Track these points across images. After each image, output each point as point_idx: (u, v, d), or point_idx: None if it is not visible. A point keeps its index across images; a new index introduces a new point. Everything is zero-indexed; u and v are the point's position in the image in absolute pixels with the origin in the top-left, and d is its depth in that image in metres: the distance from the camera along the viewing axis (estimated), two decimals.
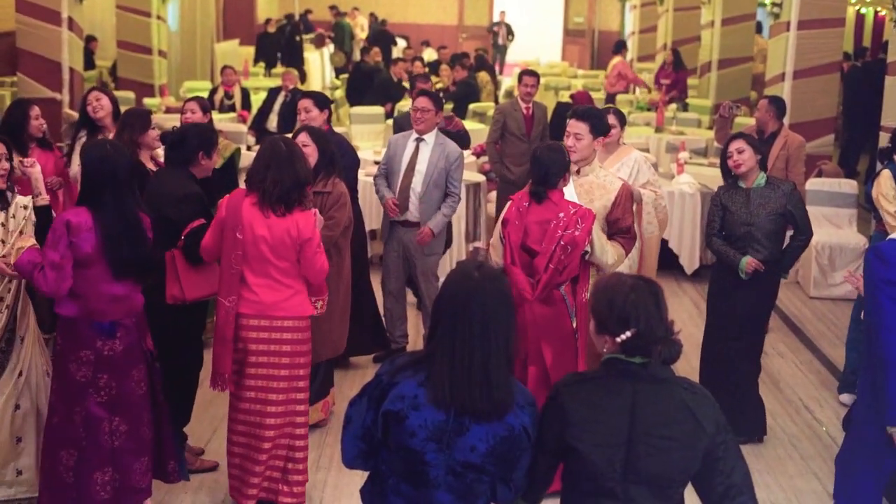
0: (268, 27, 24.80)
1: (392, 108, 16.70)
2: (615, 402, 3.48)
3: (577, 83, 21.64)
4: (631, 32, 26.25)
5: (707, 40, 19.29)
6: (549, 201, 6.27)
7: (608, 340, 3.53)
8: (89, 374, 5.54)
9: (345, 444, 3.69)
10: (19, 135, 7.51)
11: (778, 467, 7.10)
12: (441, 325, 3.51)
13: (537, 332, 6.24)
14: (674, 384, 3.54)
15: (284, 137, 6.31)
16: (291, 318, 5.93)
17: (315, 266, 5.97)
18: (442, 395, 3.44)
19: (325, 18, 29.77)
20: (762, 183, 7.19)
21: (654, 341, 3.45)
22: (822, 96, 13.60)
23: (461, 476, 3.50)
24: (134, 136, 7.12)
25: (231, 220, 5.87)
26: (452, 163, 8.32)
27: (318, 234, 5.98)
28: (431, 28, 32.34)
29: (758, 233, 7.16)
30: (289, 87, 15.10)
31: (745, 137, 7.28)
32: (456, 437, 3.46)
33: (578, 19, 34.13)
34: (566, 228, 6.17)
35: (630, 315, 3.45)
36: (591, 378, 3.59)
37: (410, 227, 8.37)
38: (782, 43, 13.64)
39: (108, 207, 5.45)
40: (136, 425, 5.71)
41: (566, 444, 3.48)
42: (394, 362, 3.63)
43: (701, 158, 13.24)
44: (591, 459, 3.45)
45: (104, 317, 5.53)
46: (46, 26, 14.21)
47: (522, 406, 3.51)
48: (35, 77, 14.19)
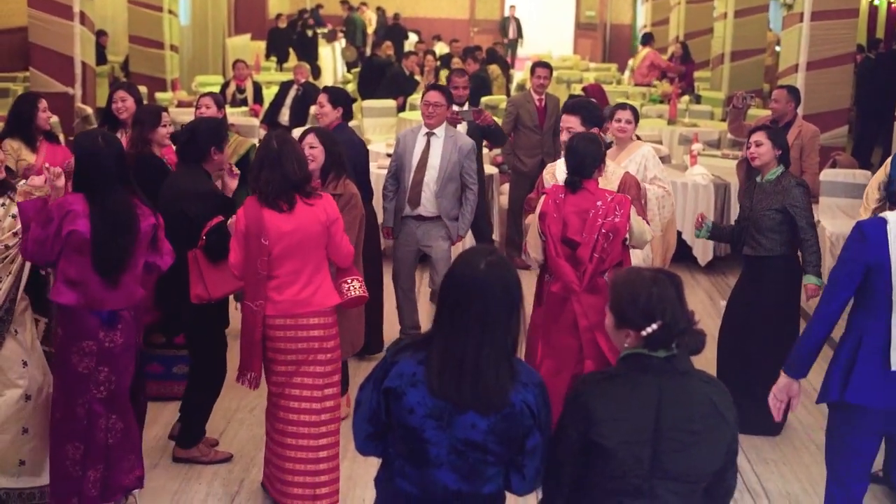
0: (278, 22, 24.78)
1: (404, 101, 16.69)
2: (641, 397, 3.45)
3: (589, 76, 21.57)
4: (643, 25, 26.20)
5: (720, 32, 19.20)
6: (584, 191, 6.21)
7: (630, 335, 3.49)
8: (91, 365, 5.50)
9: (355, 427, 3.69)
10: (28, 128, 7.51)
11: (793, 457, 7.08)
12: (442, 312, 3.51)
13: (588, 323, 6.17)
14: (695, 377, 3.53)
15: (279, 135, 6.20)
16: (316, 313, 5.89)
17: (342, 248, 6.01)
18: (433, 385, 3.44)
19: (336, 13, 29.74)
20: (772, 178, 7.15)
21: (677, 333, 3.44)
22: (836, 88, 13.55)
23: (463, 455, 3.48)
24: (144, 132, 7.14)
25: (254, 229, 5.81)
26: (465, 154, 8.28)
27: (340, 216, 6.04)
28: (443, 22, 32.32)
29: (752, 227, 7.17)
30: (300, 81, 15.10)
31: (767, 130, 7.23)
32: (456, 415, 3.45)
33: (590, 13, 34.05)
34: (606, 216, 6.13)
35: (656, 308, 3.43)
36: (614, 374, 3.54)
37: (424, 220, 8.32)
38: (795, 34, 13.58)
39: (98, 199, 5.42)
40: (129, 423, 5.72)
41: (591, 442, 3.44)
42: (398, 343, 3.65)
43: (714, 150, 13.19)
44: (619, 457, 3.42)
45: (102, 306, 5.50)
46: (58, 21, 14.20)
47: (526, 384, 3.48)
48: (47, 71, 14.18)
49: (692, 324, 3.48)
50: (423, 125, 8.36)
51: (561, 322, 6.27)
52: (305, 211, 5.83)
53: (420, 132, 8.36)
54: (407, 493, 3.57)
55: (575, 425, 3.47)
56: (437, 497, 3.53)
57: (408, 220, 8.38)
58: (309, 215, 5.83)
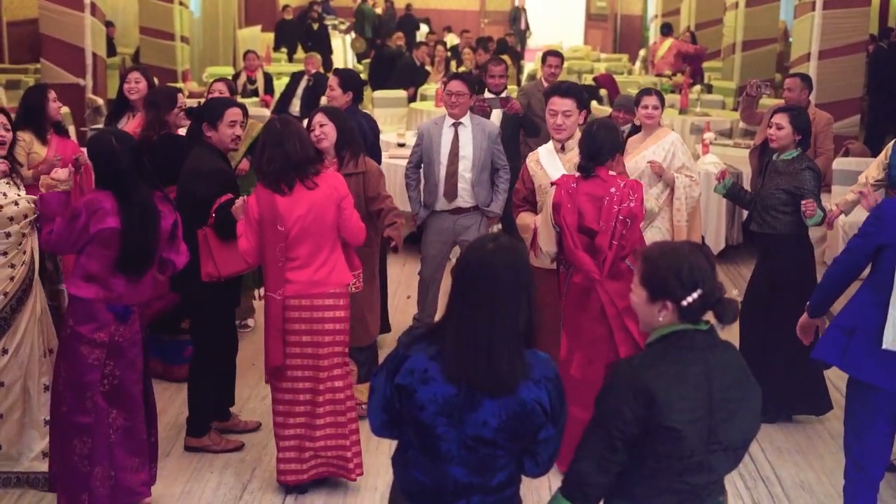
0: (285, 14, 24.75)
1: (415, 92, 16.67)
2: (695, 374, 3.45)
3: (600, 67, 21.53)
4: (654, 16, 26.10)
5: (731, 22, 19.16)
6: (597, 178, 6.18)
7: (668, 307, 3.47)
8: (101, 357, 5.48)
9: (370, 413, 3.69)
10: (39, 119, 7.52)
11: (808, 446, 7.05)
12: (453, 297, 3.50)
13: (616, 310, 6.12)
14: (726, 346, 3.57)
15: (282, 117, 6.24)
16: (331, 294, 5.93)
17: (352, 224, 6.04)
18: (451, 369, 3.43)
19: (347, 4, 29.69)
20: (787, 159, 7.14)
21: (714, 302, 3.44)
22: (849, 76, 13.52)
23: (473, 450, 3.47)
24: (161, 114, 7.29)
25: (268, 215, 5.83)
26: (494, 139, 8.13)
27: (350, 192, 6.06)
28: (453, 13, 32.26)
29: (759, 205, 7.19)
30: (311, 72, 15.09)
31: (790, 113, 7.20)
32: (467, 412, 3.43)
33: (601, 3, 33.96)
34: (622, 202, 6.10)
35: (698, 277, 3.43)
36: (663, 355, 3.48)
37: (461, 213, 8.13)
38: (808, 23, 13.55)
39: (125, 195, 5.41)
40: (133, 422, 5.65)
41: (659, 426, 3.39)
42: (411, 333, 3.64)
43: (726, 139, 13.15)
44: (688, 437, 3.41)
45: (120, 301, 5.49)
46: (69, 12, 14.20)
47: (538, 381, 3.44)
48: (58, 63, 14.18)
49: (723, 293, 3.49)
50: (446, 116, 8.13)
51: (588, 312, 6.21)
52: (313, 192, 5.84)
53: (445, 123, 8.12)
54: (420, 482, 3.56)
55: (634, 411, 3.39)
56: (448, 489, 3.52)
57: (442, 215, 8.17)
58: (319, 195, 5.85)
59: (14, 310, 5.94)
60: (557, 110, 6.92)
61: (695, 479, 3.48)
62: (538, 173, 6.98)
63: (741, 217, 10.87)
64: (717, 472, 3.53)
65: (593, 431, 3.48)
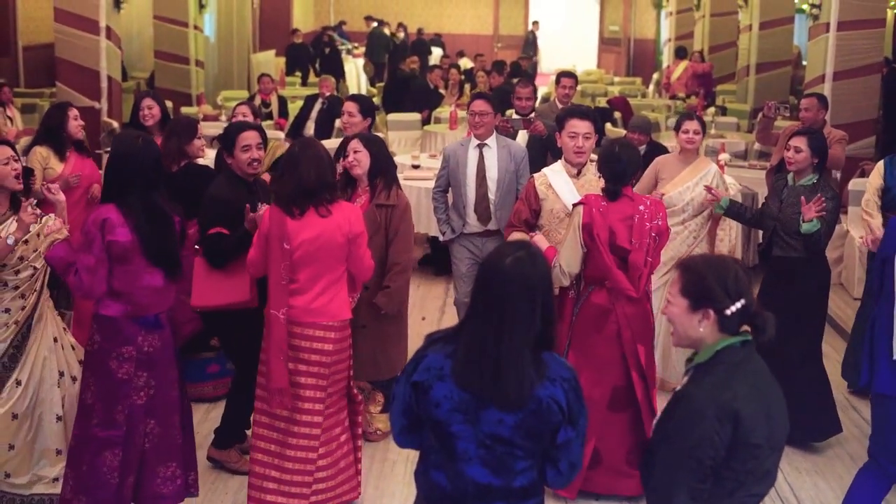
0: (294, 38, 24.83)
1: (429, 114, 16.68)
2: (759, 386, 3.47)
3: (613, 90, 21.55)
4: (667, 39, 26.13)
5: (745, 44, 19.17)
6: (624, 198, 6.14)
7: (709, 316, 3.45)
8: (131, 370, 5.45)
9: (391, 420, 3.70)
10: (59, 136, 7.53)
11: (826, 468, 7.01)
12: (471, 304, 3.50)
13: (632, 334, 6.11)
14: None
15: (303, 140, 6.14)
16: (327, 324, 5.77)
17: (364, 262, 5.91)
18: (459, 379, 3.43)
19: (361, 29, 29.81)
20: (807, 184, 7.08)
21: (752, 315, 3.45)
22: (863, 98, 13.48)
23: (491, 449, 3.46)
24: (182, 144, 7.31)
25: (276, 231, 5.72)
26: (520, 162, 7.90)
27: (366, 230, 5.93)
28: (467, 38, 32.40)
29: (782, 230, 7.11)
30: (325, 95, 15.11)
31: (808, 136, 7.14)
32: (483, 409, 3.42)
33: (614, 27, 34.10)
34: (652, 219, 6.08)
35: (742, 287, 3.44)
36: (732, 372, 3.44)
37: (490, 235, 7.90)
38: (822, 45, 13.53)
39: (134, 202, 5.37)
40: (168, 429, 5.63)
41: (746, 445, 3.36)
42: (431, 336, 3.63)
43: (741, 161, 13.12)
44: (766, 448, 3.41)
45: (148, 310, 5.47)
46: (85, 35, 14.25)
47: (554, 379, 3.44)
48: (73, 86, 14.23)
49: (761, 307, 3.50)
50: (471, 138, 7.96)
51: (603, 333, 6.16)
52: (325, 220, 5.72)
53: (470, 145, 7.94)
54: (441, 485, 3.55)
55: (721, 436, 3.35)
56: (469, 491, 3.50)
57: (472, 238, 7.97)
58: (331, 225, 5.72)
59: (25, 337, 5.92)
60: (578, 132, 6.81)
61: (762, 489, 3.50)
62: (549, 197, 6.90)
63: (756, 239, 10.83)
64: (774, 477, 3.55)
65: (681, 465, 3.40)
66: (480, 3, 34.39)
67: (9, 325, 5.86)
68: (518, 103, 9.86)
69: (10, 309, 5.85)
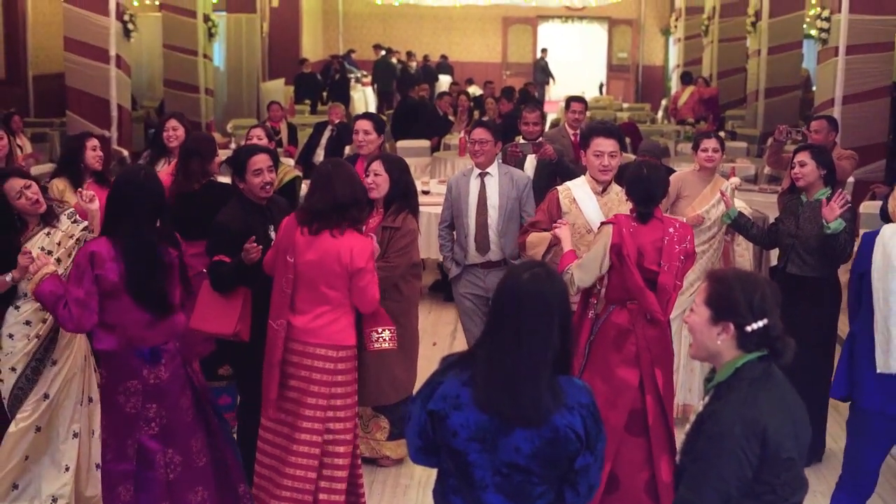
0: (304, 68, 24.94)
1: (438, 141, 16.70)
2: (790, 397, 3.46)
3: (622, 116, 21.58)
4: (676, 65, 26.19)
5: (753, 69, 19.20)
6: (654, 220, 6.06)
7: (728, 329, 3.43)
8: (138, 404, 5.41)
9: (407, 439, 3.68)
10: (75, 165, 7.55)
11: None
12: (487, 324, 3.48)
13: (650, 357, 6.01)
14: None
15: (335, 159, 6.16)
16: (325, 345, 5.72)
17: (367, 296, 5.77)
18: (479, 398, 3.40)
19: (369, 57, 29.91)
20: (821, 198, 7.04)
21: (773, 338, 3.42)
22: (873, 122, 13.48)
23: (508, 477, 3.43)
24: (205, 164, 7.23)
25: (284, 242, 5.75)
26: (523, 190, 7.71)
27: (372, 263, 5.79)
28: (475, 65, 32.48)
29: (800, 247, 7.07)
30: (335, 122, 15.12)
31: (811, 150, 7.15)
32: (500, 438, 3.40)
33: (622, 55, 34.19)
34: (681, 242, 6.00)
35: (767, 307, 3.41)
36: (757, 389, 3.41)
37: (492, 267, 7.68)
38: (831, 69, 13.54)
39: (126, 238, 5.33)
40: (188, 455, 5.58)
41: (777, 459, 3.34)
42: (447, 359, 3.61)
43: (751, 185, 13.10)
44: (798, 460, 3.41)
45: (144, 343, 5.41)
46: (95, 64, 14.34)
47: (571, 407, 3.40)
48: (83, 115, 14.31)
49: (784, 332, 3.46)
50: (473, 167, 7.79)
51: (622, 354, 6.05)
52: (330, 245, 5.66)
53: (472, 174, 7.77)
54: None
55: (750, 455, 3.32)
56: None
57: (474, 269, 7.75)
58: (332, 251, 5.66)
59: (47, 349, 5.95)
60: (604, 151, 6.69)
61: (799, 497, 3.48)
62: (572, 211, 6.78)
63: (768, 260, 10.79)
64: (807, 482, 3.54)
65: (710, 486, 3.36)
66: (489, 31, 34.49)
67: (30, 338, 5.90)
68: (525, 128, 9.75)
69: (31, 321, 5.90)
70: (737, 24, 21.03)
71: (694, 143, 8.18)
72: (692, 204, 7.91)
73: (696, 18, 24.06)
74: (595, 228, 6.57)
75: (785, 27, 18.36)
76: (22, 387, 5.95)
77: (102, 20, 14.35)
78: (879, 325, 5.61)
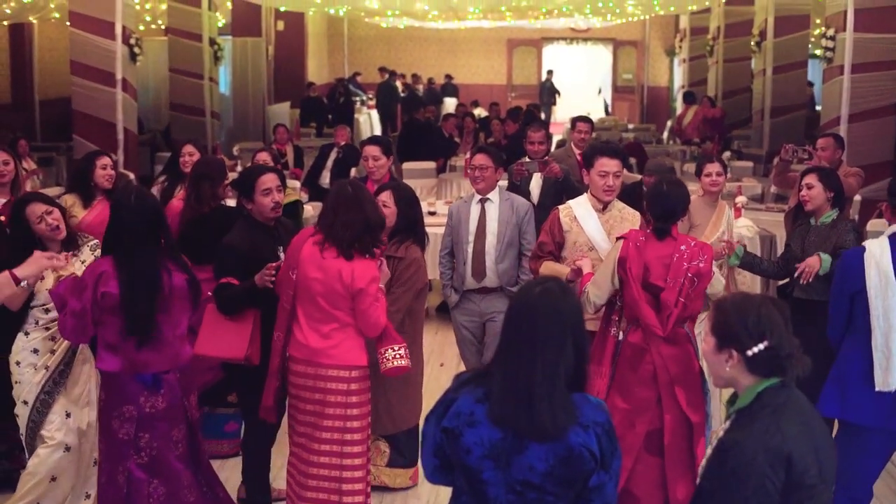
0: (310, 92, 25.00)
1: (444, 162, 16.71)
2: (806, 423, 3.40)
3: (628, 136, 21.60)
4: (681, 86, 26.23)
5: (759, 89, 19.21)
6: (669, 237, 6.03)
7: (733, 356, 3.42)
8: (131, 431, 5.37)
9: (423, 459, 3.65)
10: (85, 183, 7.56)
11: None
12: (501, 341, 3.46)
13: (668, 376, 5.93)
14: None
15: (352, 180, 6.11)
16: (338, 366, 5.69)
17: (369, 319, 5.70)
18: (495, 414, 3.38)
19: (375, 80, 29.97)
20: (826, 221, 7.04)
21: (784, 357, 3.38)
22: (878, 140, 13.46)
23: (521, 495, 3.40)
24: (215, 187, 7.22)
25: (289, 258, 5.75)
26: (523, 216, 7.63)
27: (375, 286, 5.72)
28: (480, 87, 32.50)
29: None
30: (341, 144, 15.14)
31: (819, 172, 7.12)
32: (514, 456, 3.37)
33: (627, 76, 34.24)
34: (691, 260, 5.93)
35: (765, 328, 3.37)
36: (779, 415, 3.37)
37: (488, 293, 7.61)
38: (836, 87, 13.54)
39: (124, 259, 5.32)
40: (176, 489, 5.51)
41: (800, 487, 3.30)
42: (460, 377, 3.59)
43: (758, 204, 13.10)
44: (821, 486, 3.36)
45: (146, 369, 5.37)
46: (101, 88, 14.36)
47: (586, 426, 3.37)
48: (90, 138, 14.30)
49: (799, 350, 3.42)
50: (474, 193, 7.71)
51: (639, 374, 5.99)
52: (333, 265, 5.62)
53: (473, 200, 7.70)
54: None
55: (775, 482, 3.29)
56: None
57: (470, 295, 7.68)
58: (334, 271, 5.62)
59: (57, 383, 5.92)
60: (609, 171, 6.70)
61: None
62: (573, 229, 6.80)
63: (775, 282, 10.76)
64: None
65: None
66: (493, 53, 34.56)
67: (37, 368, 5.89)
68: (531, 147, 9.68)
69: (39, 350, 5.89)
70: (741, 43, 21.06)
71: (697, 169, 8.13)
72: (705, 233, 7.85)
73: (700, 39, 24.10)
74: (597, 246, 6.63)
75: (790, 47, 18.39)
76: (35, 419, 5.91)
77: (108, 44, 14.37)
78: (878, 343, 5.60)
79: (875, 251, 5.66)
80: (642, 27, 33.22)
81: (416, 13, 23.81)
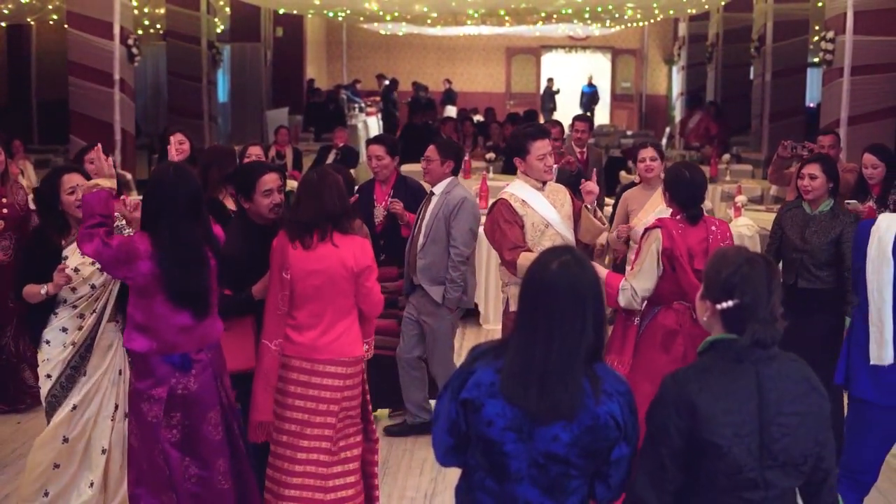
0: (316, 98, 25.01)
1: None
2: (743, 387, 3.31)
3: (627, 142, 21.61)
4: (679, 93, 26.22)
5: (757, 95, 19.20)
6: (700, 220, 6.04)
7: (709, 307, 3.38)
8: (160, 413, 5.22)
9: (435, 440, 3.52)
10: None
11: None
12: (517, 316, 3.36)
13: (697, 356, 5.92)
14: (785, 358, 3.41)
15: (321, 169, 5.86)
16: (335, 361, 5.55)
17: (372, 297, 5.65)
18: (508, 392, 3.28)
19: (374, 87, 29.99)
20: (825, 210, 7.01)
21: (753, 319, 3.30)
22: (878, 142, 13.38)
23: (544, 469, 3.29)
24: (223, 173, 6.97)
25: (278, 259, 5.56)
26: (452, 209, 7.46)
27: (374, 264, 5.69)
28: (479, 95, 32.50)
29: (809, 261, 7.00)
30: (339, 145, 15.12)
31: (821, 162, 7.10)
32: (537, 427, 3.26)
33: (626, 84, 34.25)
34: (723, 240, 5.96)
35: (735, 286, 3.31)
36: (708, 366, 3.35)
37: (420, 290, 7.59)
38: (836, 90, 13.51)
39: (164, 234, 5.12)
40: (210, 472, 5.34)
41: (703, 441, 3.26)
42: (475, 350, 3.47)
43: (757, 205, 13.07)
44: (733, 453, 3.26)
45: (174, 349, 5.21)
46: (98, 88, 14.33)
47: (610, 394, 3.29)
48: (87, 139, 14.12)
49: (774, 316, 3.34)
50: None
51: (671, 355, 5.94)
52: (332, 252, 5.50)
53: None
54: None
55: (678, 425, 3.27)
56: None
57: (416, 290, 7.67)
58: (336, 259, 5.50)
59: (84, 358, 5.85)
60: (545, 152, 6.58)
61: (750, 494, 3.33)
62: (528, 213, 6.58)
63: None
64: (776, 489, 3.34)
65: (645, 451, 3.34)
66: (492, 61, 34.57)
67: (66, 346, 5.83)
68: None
69: (67, 328, 5.83)
70: (740, 49, 21.05)
71: (632, 155, 8.14)
72: (638, 215, 7.81)
73: (699, 46, 24.09)
74: (551, 221, 6.56)
75: (788, 52, 18.40)
76: (56, 394, 5.86)
77: (106, 44, 14.34)
78: (873, 317, 5.61)
79: (882, 224, 5.66)
80: (641, 35, 33.26)
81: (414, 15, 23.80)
